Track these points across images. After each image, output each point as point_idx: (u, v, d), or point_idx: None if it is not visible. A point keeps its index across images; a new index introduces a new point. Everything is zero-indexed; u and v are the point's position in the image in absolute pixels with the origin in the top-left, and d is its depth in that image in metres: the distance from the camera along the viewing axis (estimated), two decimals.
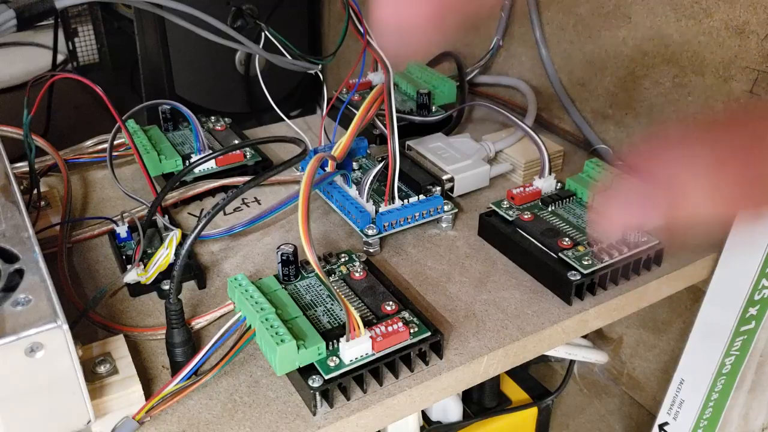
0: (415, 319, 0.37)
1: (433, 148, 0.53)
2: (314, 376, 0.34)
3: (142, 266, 0.41)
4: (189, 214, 0.50)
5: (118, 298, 0.41)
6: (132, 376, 0.33)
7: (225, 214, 0.50)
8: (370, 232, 0.45)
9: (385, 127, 0.46)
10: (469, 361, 0.37)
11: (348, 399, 0.35)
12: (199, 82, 0.83)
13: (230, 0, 0.78)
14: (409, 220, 0.46)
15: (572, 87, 0.60)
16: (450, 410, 0.58)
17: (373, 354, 0.35)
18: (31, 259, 0.30)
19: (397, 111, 0.55)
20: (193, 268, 0.43)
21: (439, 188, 0.49)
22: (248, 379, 0.36)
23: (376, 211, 0.46)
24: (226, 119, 0.58)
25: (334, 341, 0.35)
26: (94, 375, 0.33)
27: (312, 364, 0.34)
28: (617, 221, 0.27)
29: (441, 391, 0.37)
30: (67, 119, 0.87)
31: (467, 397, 0.59)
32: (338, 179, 0.49)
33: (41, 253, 0.30)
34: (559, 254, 0.42)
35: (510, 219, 0.46)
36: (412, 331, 0.36)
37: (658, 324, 0.57)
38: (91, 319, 0.39)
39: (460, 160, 0.52)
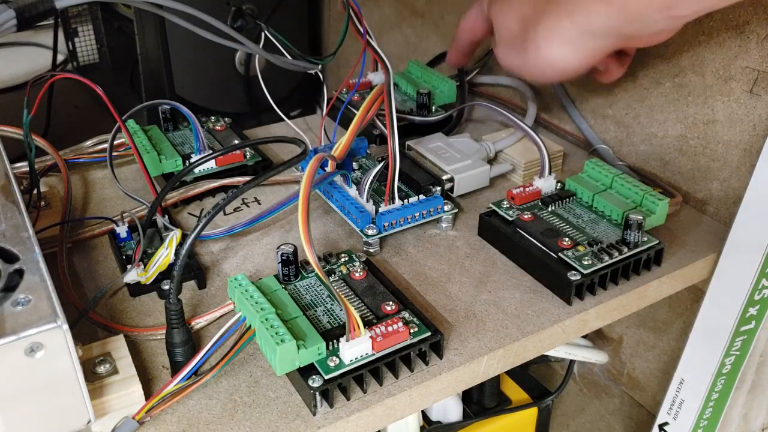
0: (415, 319, 0.37)
1: (433, 148, 0.53)
2: (314, 376, 0.34)
3: (142, 266, 0.41)
4: (189, 214, 0.50)
5: (118, 298, 0.41)
6: (132, 376, 0.33)
7: (225, 214, 0.50)
8: (370, 232, 0.45)
9: (385, 127, 0.46)
10: (469, 361, 0.37)
11: (348, 399, 0.35)
12: (199, 82, 0.83)
13: (230, 0, 0.78)
14: (409, 220, 0.46)
15: (572, 87, 0.60)
16: (450, 410, 0.58)
17: (373, 354, 0.35)
18: (31, 259, 0.30)
19: (397, 111, 0.55)
20: (193, 268, 0.43)
21: (439, 188, 0.49)
22: (248, 379, 0.36)
23: (376, 211, 0.46)
24: (226, 119, 0.58)
25: (334, 341, 0.35)
26: (94, 375, 0.33)
27: (312, 364, 0.34)
28: None
29: (441, 391, 0.37)
30: (67, 119, 0.86)
31: (467, 397, 0.59)
32: (338, 179, 0.49)
33: (41, 253, 0.30)
34: (559, 254, 0.42)
35: (510, 219, 0.46)
36: (412, 331, 0.36)
37: (658, 324, 0.57)
38: (91, 319, 0.39)
39: (460, 160, 0.52)
